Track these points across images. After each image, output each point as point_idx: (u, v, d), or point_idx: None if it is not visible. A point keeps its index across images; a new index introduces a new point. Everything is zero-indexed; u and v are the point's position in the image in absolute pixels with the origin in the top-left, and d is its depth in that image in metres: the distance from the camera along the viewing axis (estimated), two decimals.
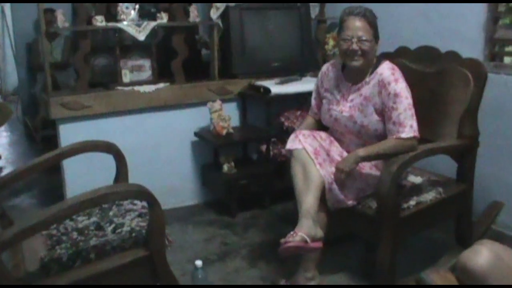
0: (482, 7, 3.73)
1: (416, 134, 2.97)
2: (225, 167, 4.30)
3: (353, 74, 3.16)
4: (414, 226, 3.11)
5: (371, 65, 3.11)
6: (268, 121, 4.43)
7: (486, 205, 3.65)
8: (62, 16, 3.99)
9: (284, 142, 3.16)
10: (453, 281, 2.00)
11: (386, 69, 3.04)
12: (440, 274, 2.03)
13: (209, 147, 4.51)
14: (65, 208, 2.26)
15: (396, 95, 2.96)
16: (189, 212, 4.47)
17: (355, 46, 2.98)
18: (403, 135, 2.95)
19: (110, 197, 2.43)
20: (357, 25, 2.98)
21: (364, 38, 2.98)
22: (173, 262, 3.32)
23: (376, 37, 3.06)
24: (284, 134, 3.33)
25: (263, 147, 4.48)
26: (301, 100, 4.44)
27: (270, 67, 4.65)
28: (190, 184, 4.63)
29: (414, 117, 2.98)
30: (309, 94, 3.53)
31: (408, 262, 3.17)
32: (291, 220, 2.90)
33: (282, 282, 3.21)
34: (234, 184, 4.29)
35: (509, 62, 4.03)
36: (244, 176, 4.33)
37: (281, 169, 4.23)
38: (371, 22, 3.01)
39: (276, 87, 4.33)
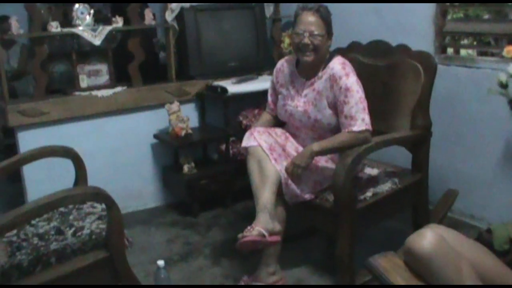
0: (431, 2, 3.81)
1: (368, 127, 3.02)
2: (186, 168, 4.32)
3: (306, 70, 3.21)
4: (371, 217, 3.17)
5: (324, 61, 3.15)
6: (227, 120, 4.45)
7: (441, 193, 3.72)
8: (16, 23, 3.96)
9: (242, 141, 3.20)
10: (400, 264, 2.06)
11: (337, 64, 3.09)
12: (387, 258, 2.09)
13: (168, 148, 4.53)
14: (22, 213, 2.27)
15: (347, 89, 3.00)
16: (151, 214, 4.48)
17: (306, 40, 3.02)
18: (355, 129, 2.99)
19: (67, 200, 2.44)
20: (309, 20, 3.03)
21: (316, 32, 3.02)
22: (136, 263, 3.36)
23: (329, 32, 3.10)
24: (243, 132, 3.35)
25: (223, 147, 4.52)
26: (258, 99, 4.47)
27: (227, 67, 4.69)
28: (151, 187, 4.63)
29: (366, 110, 3.03)
30: (266, 92, 3.56)
31: (367, 253, 3.16)
32: (252, 217, 2.92)
33: (245, 278, 3.24)
34: (195, 185, 4.30)
35: (465, 55, 4.12)
36: (205, 176, 4.36)
37: (241, 168, 4.23)
38: (324, 17, 3.05)
39: (233, 87, 4.37)
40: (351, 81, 3.02)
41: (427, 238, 1.95)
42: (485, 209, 3.77)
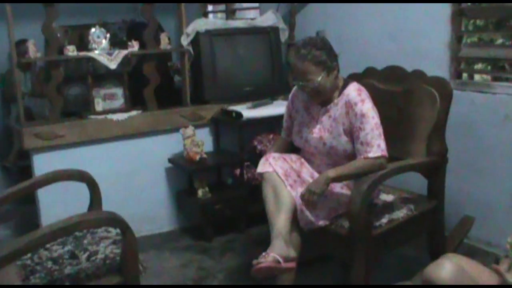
0: (447, 26, 3.80)
1: (384, 153, 3.01)
2: (200, 192, 4.31)
3: None
4: (387, 244, 3.14)
5: (337, 88, 3.15)
6: (241, 145, 4.45)
7: (457, 220, 3.69)
8: (33, 46, 4.00)
9: (257, 165, 3.18)
10: None
11: (353, 90, 3.09)
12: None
13: (183, 173, 4.52)
14: (37, 237, 2.27)
15: (362, 115, 3.00)
16: (165, 239, 4.47)
17: (305, 88, 3.06)
18: (371, 155, 2.98)
19: (82, 225, 2.44)
20: (301, 69, 3.01)
21: (309, 78, 3.01)
22: None
23: (328, 68, 3.03)
24: (258, 157, 3.35)
25: (237, 171, 4.51)
26: (273, 124, 4.48)
27: (242, 92, 4.69)
28: (166, 210, 4.63)
29: (382, 137, 3.02)
30: (281, 117, 3.55)
31: (383, 280, 3.19)
32: (267, 243, 2.90)
33: None
34: (209, 209, 4.30)
35: (479, 79, 4.10)
36: (219, 201, 4.35)
37: (255, 193, 4.22)
38: (317, 61, 2.99)
39: (248, 112, 4.37)
40: (367, 107, 3.02)
41: (446, 269, 1.93)
42: (502, 236, 3.70)
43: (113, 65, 4.13)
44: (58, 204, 4.01)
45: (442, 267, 1.94)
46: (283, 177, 3.03)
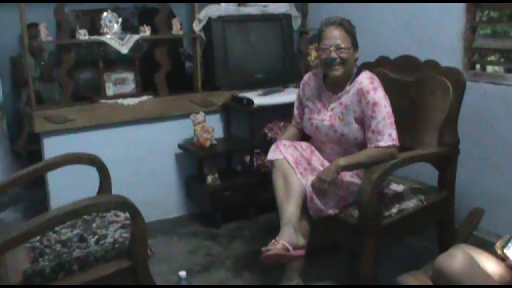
0: (461, 17, 3.77)
1: (395, 142, 2.99)
2: (209, 179, 4.31)
3: (334, 84, 3.19)
4: (396, 234, 3.14)
5: (351, 75, 3.14)
6: (252, 132, 4.45)
7: (467, 211, 3.66)
8: (45, 30, 3.99)
9: (267, 153, 3.18)
10: (428, 283, 2.03)
11: (365, 78, 3.07)
12: (416, 277, 2.06)
13: (193, 159, 4.51)
14: (46, 220, 2.27)
15: (374, 104, 2.98)
16: (174, 224, 4.47)
17: (333, 55, 3.01)
18: (382, 144, 2.97)
19: (92, 208, 2.45)
20: (334, 34, 3.02)
21: (342, 46, 3.01)
22: (158, 274, 3.33)
23: (355, 45, 3.09)
24: (268, 145, 3.35)
25: (247, 158, 4.50)
26: (284, 111, 4.46)
27: (253, 79, 4.68)
28: (175, 196, 4.63)
29: (393, 126, 3.00)
30: (292, 105, 3.55)
31: (391, 270, 3.16)
32: (275, 230, 2.90)
33: None
34: (219, 196, 4.29)
35: (491, 71, 4.07)
36: (228, 188, 4.35)
37: (265, 180, 4.23)
38: (349, 30, 3.05)
39: (259, 99, 4.36)
40: (379, 96, 3.00)
41: (458, 259, 1.92)
42: None
43: (124, 50, 4.13)
44: (67, 188, 4.00)
45: (454, 257, 1.93)
46: (294, 165, 3.03)
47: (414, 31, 4.11)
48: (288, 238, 2.81)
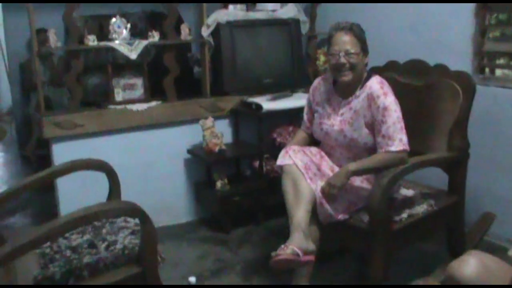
0: (470, 20, 3.77)
1: (406, 147, 2.99)
2: (218, 184, 4.31)
3: (343, 88, 3.18)
4: (406, 239, 3.13)
5: (361, 79, 3.13)
6: (261, 137, 4.43)
7: (478, 216, 3.67)
8: (54, 35, 4.00)
9: (276, 158, 3.17)
10: None
11: (375, 83, 3.07)
12: (427, 282, 2.05)
13: (202, 164, 4.52)
14: (57, 226, 2.27)
15: (385, 108, 2.98)
16: (183, 229, 4.47)
17: (343, 60, 3.01)
18: (393, 149, 2.96)
19: (102, 214, 2.44)
20: (344, 39, 3.02)
21: (351, 51, 3.01)
22: (167, 279, 3.34)
23: (364, 50, 3.09)
24: (277, 150, 3.35)
25: (256, 164, 4.49)
26: (293, 116, 4.45)
27: (262, 84, 4.67)
28: (184, 201, 4.63)
29: (404, 131, 3.00)
30: (300, 110, 3.55)
31: (401, 275, 3.17)
32: (285, 235, 2.90)
33: None
34: (228, 201, 4.29)
35: (500, 75, 4.06)
36: (238, 193, 4.34)
37: (274, 185, 4.21)
38: (358, 35, 3.05)
39: (268, 104, 4.35)
40: (389, 101, 3.00)
41: (471, 266, 1.91)
42: None
43: (133, 55, 4.13)
44: (77, 194, 4.01)
45: (467, 264, 1.92)
46: (303, 170, 3.02)
47: (422, 34, 4.11)
48: (298, 243, 2.80)
